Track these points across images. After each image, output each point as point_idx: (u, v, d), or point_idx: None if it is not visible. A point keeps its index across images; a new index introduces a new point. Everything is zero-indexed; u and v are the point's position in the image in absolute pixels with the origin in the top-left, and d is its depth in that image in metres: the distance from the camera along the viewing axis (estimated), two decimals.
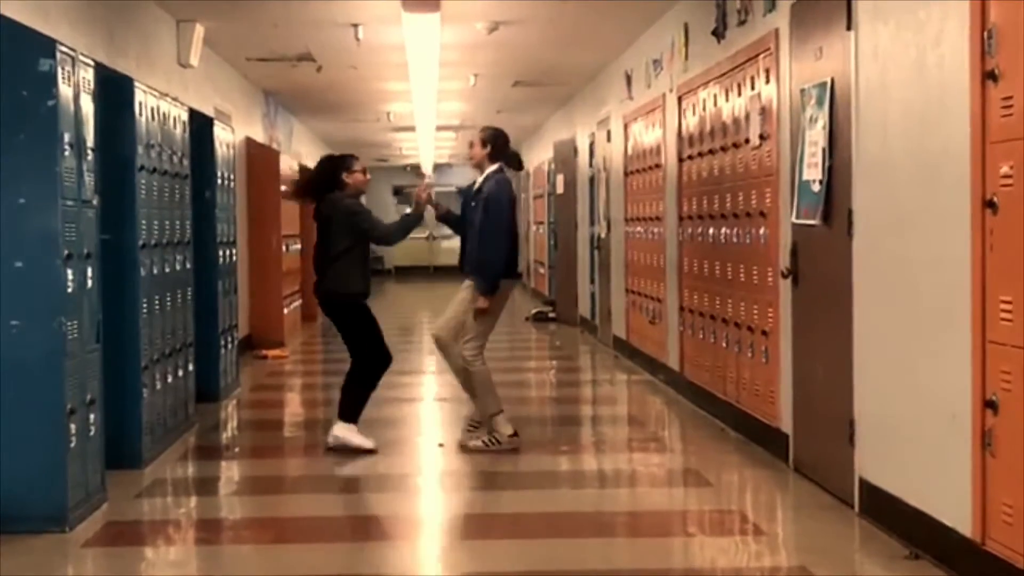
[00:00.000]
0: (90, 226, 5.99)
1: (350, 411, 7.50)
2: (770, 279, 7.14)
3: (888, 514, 5.33)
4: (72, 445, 5.65)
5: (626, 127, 12.24)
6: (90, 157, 5.98)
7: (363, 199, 7.85)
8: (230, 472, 7.49)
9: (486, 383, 7.47)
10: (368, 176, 7.81)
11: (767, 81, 7.18)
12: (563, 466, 7.27)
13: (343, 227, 7.45)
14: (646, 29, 10.89)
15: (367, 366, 7.52)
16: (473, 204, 7.50)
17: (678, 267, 9.68)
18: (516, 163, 7.83)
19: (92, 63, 6.13)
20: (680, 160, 9.58)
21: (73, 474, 5.66)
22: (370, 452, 7.39)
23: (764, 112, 7.25)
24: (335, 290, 7.50)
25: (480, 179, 7.56)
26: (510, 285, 7.63)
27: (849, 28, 5.78)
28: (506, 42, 11.48)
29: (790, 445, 6.77)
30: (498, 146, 7.57)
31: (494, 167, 7.56)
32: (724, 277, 8.21)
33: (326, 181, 7.60)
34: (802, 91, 6.41)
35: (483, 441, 7.44)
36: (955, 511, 4.62)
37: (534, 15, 10.30)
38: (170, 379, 7.71)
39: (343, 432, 7.46)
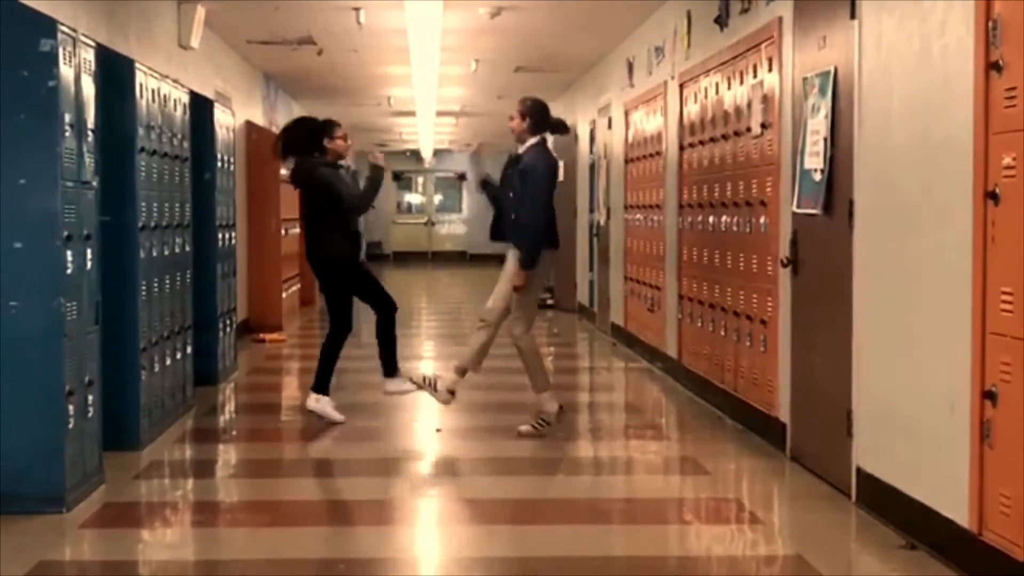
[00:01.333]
0: (90, 207, 5.98)
1: (323, 380, 7.88)
2: (770, 268, 7.13)
3: (885, 504, 5.33)
4: (70, 426, 5.65)
5: (627, 114, 12.23)
6: (90, 138, 5.97)
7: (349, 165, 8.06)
8: (227, 455, 7.49)
9: (535, 359, 7.50)
10: (349, 142, 8.13)
11: (769, 70, 7.16)
12: (560, 453, 7.27)
13: (320, 196, 7.79)
14: (648, 16, 10.87)
15: (342, 333, 7.88)
16: (511, 174, 7.46)
17: (677, 255, 9.67)
18: (562, 128, 7.78)
19: (93, 44, 6.11)
20: (681, 148, 9.56)
21: (71, 455, 5.66)
22: (339, 424, 7.79)
23: (766, 101, 7.24)
24: (316, 251, 7.88)
25: (521, 150, 7.48)
26: (552, 256, 7.58)
27: (853, 17, 5.77)
28: (508, 28, 11.45)
29: (788, 434, 6.77)
30: (537, 117, 7.48)
31: (535, 139, 7.46)
32: (724, 265, 8.20)
33: (306, 143, 7.87)
34: (804, 80, 6.40)
35: (532, 425, 7.47)
36: (953, 502, 4.62)
37: (537, 1, 10.27)
38: (168, 361, 7.70)
39: (316, 405, 7.86)
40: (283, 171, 13.92)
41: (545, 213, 7.39)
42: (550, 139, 7.67)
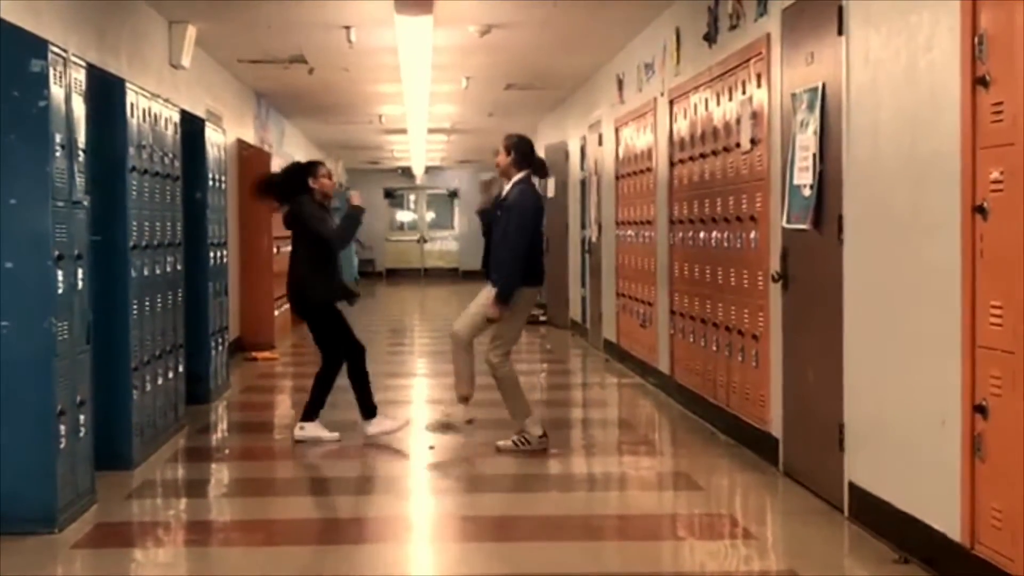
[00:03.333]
0: (81, 227, 5.98)
1: (313, 409, 7.88)
2: (761, 283, 7.15)
3: (878, 519, 5.34)
4: (62, 446, 5.64)
5: (617, 131, 12.26)
6: (81, 158, 5.97)
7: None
8: (220, 474, 7.47)
9: (514, 386, 7.58)
10: (334, 181, 8.09)
11: (758, 86, 7.20)
12: (553, 469, 7.27)
13: (303, 232, 7.87)
14: (638, 33, 10.91)
15: (335, 365, 7.90)
16: (499, 213, 7.57)
17: (669, 271, 9.69)
18: (541, 170, 7.87)
19: (84, 64, 6.13)
20: (671, 164, 9.59)
21: (63, 475, 5.65)
22: (336, 442, 7.80)
23: (755, 116, 7.27)
24: (301, 293, 7.89)
25: (507, 187, 7.59)
26: (533, 293, 7.69)
27: (840, 33, 5.80)
28: (498, 45, 11.49)
29: (780, 449, 6.78)
30: (522, 152, 7.58)
31: (521, 175, 7.55)
32: (715, 281, 8.22)
33: (293, 185, 7.94)
34: (793, 96, 6.42)
35: (513, 441, 7.53)
36: (944, 516, 4.63)
37: (527, 18, 10.31)
38: (160, 381, 7.69)
39: (303, 433, 7.85)
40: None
41: (526, 251, 7.43)
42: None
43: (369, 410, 7.92)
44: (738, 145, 7.62)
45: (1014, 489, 4.12)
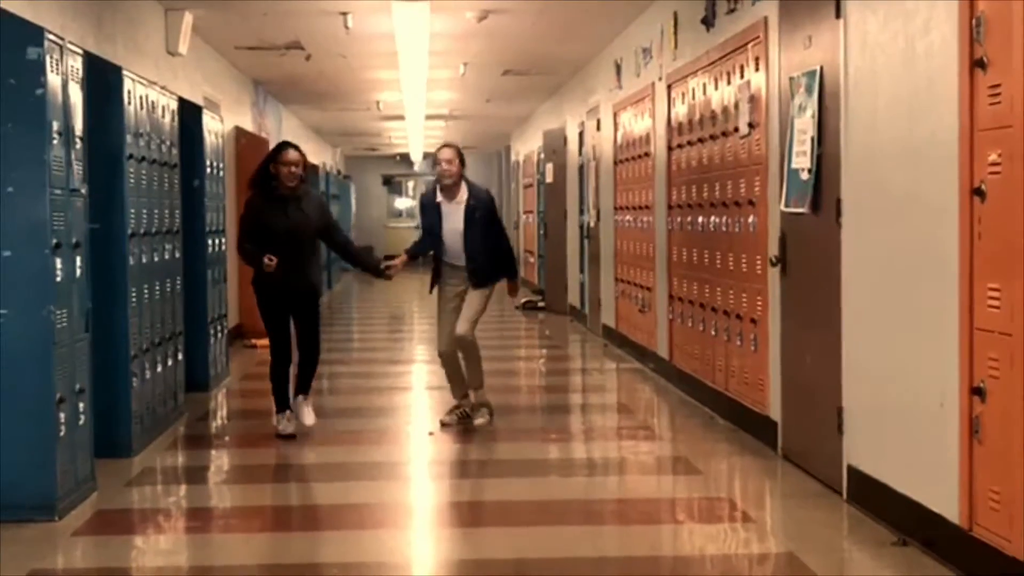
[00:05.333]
0: (78, 215, 5.98)
1: (295, 393, 7.86)
2: (759, 267, 7.15)
3: (876, 501, 5.35)
4: (61, 434, 5.65)
5: (616, 116, 12.24)
6: (78, 146, 5.96)
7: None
8: (219, 461, 7.48)
9: (479, 356, 8.04)
10: (295, 170, 7.46)
11: (756, 69, 7.19)
12: (552, 454, 7.28)
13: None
14: (635, 18, 10.89)
15: (278, 360, 7.85)
16: (476, 216, 7.85)
17: (667, 256, 9.69)
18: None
19: (81, 51, 6.11)
20: (669, 149, 9.58)
21: (62, 463, 5.66)
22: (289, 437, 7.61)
23: (753, 100, 7.26)
24: (256, 280, 7.65)
25: (464, 193, 7.92)
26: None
27: (838, 16, 5.79)
28: (496, 31, 11.47)
29: (779, 433, 6.79)
30: (463, 160, 8.03)
31: (465, 180, 8.03)
32: (713, 265, 8.22)
33: (261, 173, 7.56)
34: (791, 80, 6.42)
35: (485, 418, 7.92)
36: (943, 498, 4.64)
37: (524, 4, 10.30)
38: (159, 368, 7.70)
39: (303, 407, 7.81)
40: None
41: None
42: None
43: (282, 403, 7.78)
44: (736, 129, 7.61)
45: (1012, 471, 4.13)
